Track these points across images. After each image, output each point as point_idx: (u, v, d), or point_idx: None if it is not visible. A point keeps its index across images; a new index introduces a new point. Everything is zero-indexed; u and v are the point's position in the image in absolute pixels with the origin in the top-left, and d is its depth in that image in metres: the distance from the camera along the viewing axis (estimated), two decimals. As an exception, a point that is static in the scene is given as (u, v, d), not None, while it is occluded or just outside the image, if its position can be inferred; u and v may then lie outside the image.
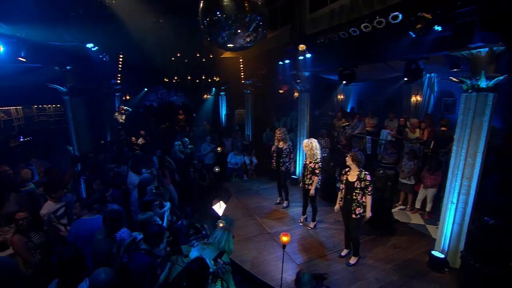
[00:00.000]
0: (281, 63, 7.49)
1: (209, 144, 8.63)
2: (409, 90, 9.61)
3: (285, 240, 3.20)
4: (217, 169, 7.14)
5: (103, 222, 3.04)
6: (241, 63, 9.75)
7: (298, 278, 2.74)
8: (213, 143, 8.91)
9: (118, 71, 8.58)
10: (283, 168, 5.69)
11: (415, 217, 6.07)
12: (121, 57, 7.98)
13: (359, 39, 4.93)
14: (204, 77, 11.17)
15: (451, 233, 3.90)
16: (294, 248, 4.51)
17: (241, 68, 9.87)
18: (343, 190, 4.14)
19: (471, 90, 3.44)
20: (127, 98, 12.67)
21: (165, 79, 10.90)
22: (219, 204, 5.94)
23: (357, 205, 3.88)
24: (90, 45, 5.89)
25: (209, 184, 7.85)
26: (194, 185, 7.54)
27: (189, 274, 2.02)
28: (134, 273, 2.59)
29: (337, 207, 4.25)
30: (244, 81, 10.05)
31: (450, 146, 5.23)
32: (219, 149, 8.51)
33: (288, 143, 5.65)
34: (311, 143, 4.91)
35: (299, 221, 5.36)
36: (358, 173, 3.91)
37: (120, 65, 8.21)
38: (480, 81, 3.27)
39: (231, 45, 4.04)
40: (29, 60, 4.66)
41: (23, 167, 4.74)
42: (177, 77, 10.86)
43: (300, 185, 5.22)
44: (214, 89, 13.69)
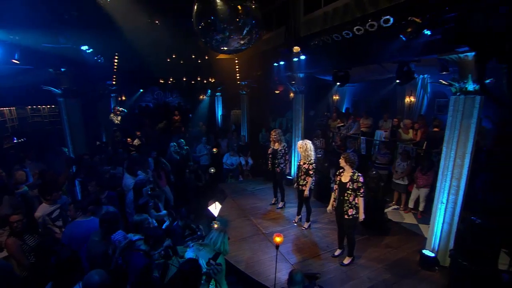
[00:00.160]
0: (276, 65, 7.54)
1: (205, 145, 8.65)
2: (403, 91, 9.74)
3: (278, 240, 3.25)
4: (213, 170, 7.17)
5: (99, 224, 3.06)
6: (237, 64, 9.79)
7: (290, 277, 2.80)
8: (209, 144, 8.93)
9: (113, 72, 8.56)
10: (278, 169, 5.74)
11: (408, 217, 6.17)
12: (116, 59, 7.96)
13: (352, 41, 5.00)
14: (199, 79, 11.19)
15: (441, 232, 3.99)
16: (288, 248, 4.57)
17: (237, 69, 9.91)
18: (336, 191, 4.20)
19: (459, 93, 3.52)
20: (123, 99, 12.63)
21: (161, 80, 10.90)
22: (215, 204, 5.97)
23: (349, 206, 3.94)
24: (84, 47, 5.88)
25: (204, 185, 7.87)
26: (189, 186, 7.57)
27: (181, 275, 2.06)
28: (130, 273, 2.62)
29: (330, 207, 4.31)
30: (239, 82, 10.09)
31: (441, 146, 5.34)
32: (215, 150, 8.54)
33: (283, 144, 5.70)
34: (305, 145, 4.97)
35: (293, 222, 5.42)
36: (351, 174, 3.96)
37: (115, 67, 8.19)
38: (467, 84, 3.36)
39: (225, 48, 4.08)
40: (23, 62, 4.65)
41: (17, 169, 4.73)
42: (172, 78, 10.87)
43: (294, 186, 5.28)
44: (209, 91, 13.71)
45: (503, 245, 3.95)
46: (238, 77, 10.04)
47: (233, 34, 3.83)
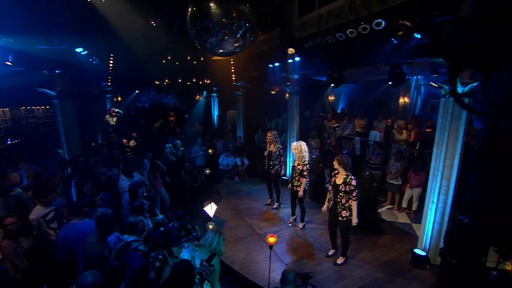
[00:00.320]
0: (271, 66, 7.59)
1: (200, 146, 8.67)
2: (397, 91, 9.86)
3: (271, 241, 3.30)
4: (208, 171, 7.20)
5: (96, 225, 3.08)
6: (232, 65, 9.82)
7: (283, 276, 2.85)
8: (204, 145, 8.95)
9: (108, 73, 8.54)
10: (272, 170, 5.79)
11: (402, 216, 6.26)
12: (111, 60, 7.94)
13: (346, 44, 5.08)
14: (195, 80, 11.20)
15: (432, 232, 4.08)
16: (282, 248, 4.62)
17: (232, 70, 9.94)
18: (331, 192, 4.26)
19: (449, 95, 3.61)
20: (119, 99, 12.59)
21: (156, 82, 10.89)
22: (210, 205, 6.02)
23: (342, 208, 3.99)
24: (79, 49, 5.86)
25: (200, 185, 7.90)
26: (185, 187, 7.59)
27: (174, 276, 2.10)
28: (127, 273, 2.64)
29: (325, 208, 4.37)
30: (235, 83, 10.12)
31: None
32: (210, 151, 8.57)
33: (277, 146, 5.73)
34: (300, 146, 5.02)
35: (288, 222, 5.48)
36: (344, 177, 4.00)
37: (110, 68, 8.18)
38: (456, 87, 3.43)
39: (220, 51, 4.12)
40: (16, 64, 4.62)
41: (11, 172, 4.72)
42: (168, 80, 10.86)
43: (288, 187, 5.33)
44: (205, 92, 13.72)
45: (492, 243, 4.05)
46: (233, 78, 10.07)
47: (227, 37, 3.87)
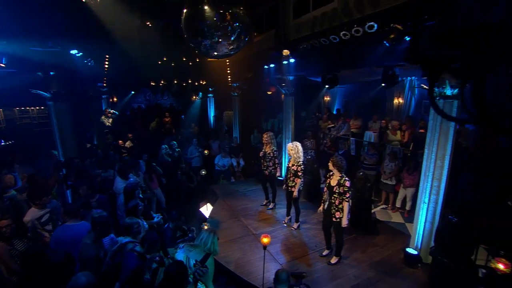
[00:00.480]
0: (266, 67, 7.64)
1: (196, 146, 8.68)
2: (391, 92, 9.96)
3: (265, 241, 3.34)
4: (204, 172, 7.22)
5: (92, 226, 3.09)
6: (228, 66, 9.85)
7: (276, 276, 2.89)
8: (200, 145, 8.96)
9: (104, 75, 8.52)
10: (266, 172, 5.84)
11: (396, 216, 6.34)
12: (107, 62, 7.93)
13: (339, 46, 5.14)
14: (190, 81, 11.20)
15: (424, 231, 4.16)
16: (277, 248, 4.67)
17: (228, 71, 9.97)
18: (325, 193, 4.31)
19: (439, 97, 3.68)
20: (114, 100, 12.56)
21: (152, 83, 10.88)
22: (206, 206, 6.06)
23: (336, 209, 4.03)
24: (74, 51, 5.85)
25: (196, 186, 7.91)
26: (181, 187, 7.60)
27: (168, 276, 2.13)
28: (122, 274, 2.66)
29: (320, 209, 4.42)
30: (231, 83, 10.15)
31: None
32: (206, 151, 8.59)
33: (272, 148, 5.76)
34: (296, 147, 5.07)
35: (283, 222, 5.53)
36: (339, 178, 4.04)
37: (106, 69, 8.16)
38: (446, 89, 3.51)
39: (214, 53, 4.16)
40: (11, 66, 4.60)
41: (5, 174, 4.70)
42: (163, 81, 10.86)
43: (283, 187, 5.38)
44: (201, 93, 13.74)
45: (482, 242, 4.14)
46: (229, 79, 10.10)
47: (222, 39, 3.91)
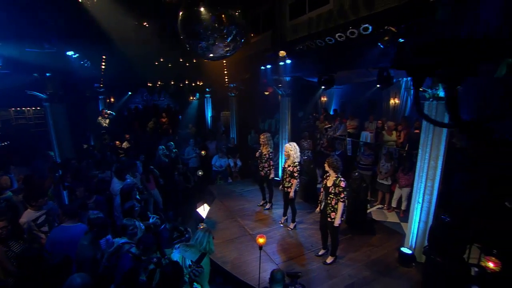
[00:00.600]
0: (263, 68, 7.67)
1: (193, 147, 8.68)
2: (387, 93, 10.04)
3: (261, 241, 3.38)
4: (200, 172, 7.24)
5: (89, 227, 3.10)
6: (225, 67, 9.86)
7: (271, 276, 2.93)
8: (197, 146, 8.97)
9: (101, 75, 8.50)
10: (262, 173, 5.88)
11: (391, 216, 6.41)
12: (103, 63, 7.92)
13: (335, 47, 5.18)
14: (187, 82, 11.21)
15: (418, 230, 4.21)
16: (273, 248, 4.70)
17: (225, 72, 9.99)
18: (322, 193, 4.35)
19: (432, 98, 3.74)
20: (112, 100, 12.52)
21: (149, 84, 10.87)
22: (203, 206, 6.07)
23: (331, 209, 4.07)
24: (70, 52, 5.83)
25: (194, 186, 7.93)
26: (179, 188, 7.61)
27: (163, 277, 2.16)
28: (117, 275, 2.68)
29: (318, 209, 4.46)
30: (228, 84, 10.17)
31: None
32: (203, 152, 8.61)
33: (268, 149, 5.78)
34: (291, 147, 5.10)
35: (279, 222, 5.56)
36: (334, 178, 4.10)
37: (102, 70, 8.14)
38: (439, 91, 3.57)
39: (210, 55, 4.17)
40: (6, 67, 4.58)
41: (1, 175, 4.69)
42: (160, 82, 10.85)
43: (280, 188, 5.41)
44: (198, 94, 13.74)
45: (475, 241, 4.20)
46: (226, 80, 10.11)
47: (217, 41, 3.92)
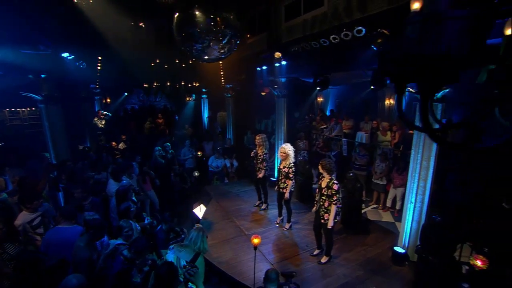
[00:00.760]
0: (259, 69, 7.71)
1: (189, 148, 8.69)
2: (383, 93, 10.12)
3: (256, 242, 3.41)
4: (197, 173, 7.26)
5: (86, 229, 3.11)
6: (221, 68, 9.88)
7: (266, 276, 2.97)
8: (193, 147, 8.98)
9: (96, 76, 8.48)
10: (258, 173, 5.89)
11: (386, 215, 6.49)
12: (99, 64, 7.90)
13: (329, 49, 5.24)
14: (183, 83, 11.21)
15: (410, 230, 4.28)
16: (269, 248, 4.75)
17: (221, 72, 10.01)
18: (317, 194, 4.39)
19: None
20: (108, 101, 12.48)
21: (145, 85, 10.86)
22: (199, 207, 6.11)
23: (324, 211, 4.12)
24: (65, 54, 5.82)
25: (190, 187, 7.94)
26: (175, 189, 7.62)
27: (158, 278, 2.19)
28: (110, 276, 2.70)
29: (314, 209, 4.49)
30: (224, 85, 10.19)
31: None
32: (199, 153, 8.63)
33: (263, 150, 5.81)
34: (286, 149, 5.14)
35: (275, 223, 5.60)
36: (328, 180, 4.15)
37: (98, 71, 8.12)
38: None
39: (205, 57, 4.21)
40: (0, 69, 4.57)
41: (-4, 177, 4.68)
42: (156, 83, 10.85)
43: (275, 189, 5.45)
44: (194, 95, 13.74)
45: (467, 239, 4.27)
46: (222, 80, 10.14)
47: (212, 43, 3.96)
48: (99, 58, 7.96)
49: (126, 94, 12.90)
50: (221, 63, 9.81)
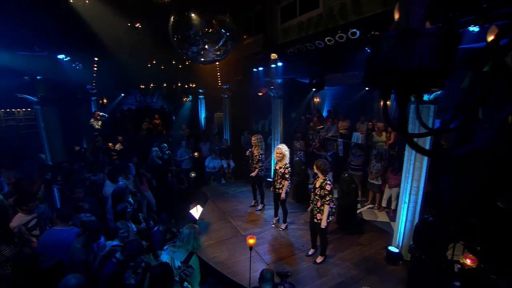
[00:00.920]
0: (255, 70, 7.75)
1: (185, 149, 8.70)
2: (379, 94, 10.17)
3: (251, 242, 3.45)
4: (193, 174, 7.28)
5: (82, 230, 3.12)
6: (218, 68, 9.91)
7: (261, 276, 3.01)
8: (189, 147, 8.99)
9: (93, 77, 8.46)
10: (253, 173, 5.93)
11: (382, 215, 6.55)
12: (95, 65, 7.88)
13: (325, 51, 5.30)
14: (180, 84, 11.22)
15: (404, 229, 4.34)
16: (265, 249, 4.78)
17: (218, 73, 10.04)
18: (312, 194, 4.44)
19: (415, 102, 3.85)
20: (104, 102, 12.43)
21: (142, 86, 10.85)
22: (196, 208, 6.12)
23: (317, 210, 4.18)
24: (61, 56, 5.80)
25: (187, 187, 7.95)
26: (172, 190, 7.63)
27: (153, 279, 2.21)
28: (102, 280, 2.72)
29: (309, 209, 4.54)
30: (221, 86, 10.22)
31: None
32: (196, 154, 8.64)
33: (259, 151, 5.85)
34: (282, 149, 5.18)
35: (271, 223, 5.64)
36: (322, 181, 4.20)
37: (95, 71, 8.11)
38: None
39: (201, 59, 4.24)
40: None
41: (-9, 179, 4.67)
42: (153, 84, 10.84)
43: (271, 189, 5.49)
44: (190, 96, 13.75)
45: (459, 238, 4.34)
46: (219, 81, 10.16)
47: (208, 46, 3.99)
48: (96, 59, 7.95)
49: (122, 95, 12.87)
50: (217, 64, 9.85)
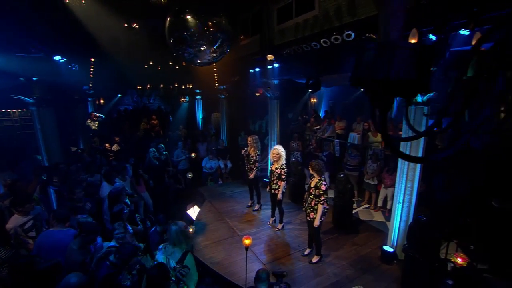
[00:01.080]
0: (252, 71, 7.79)
1: (182, 150, 8.70)
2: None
3: (247, 243, 3.48)
4: (190, 175, 7.30)
5: (79, 231, 3.13)
6: (215, 69, 9.93)
7: (257, 275, 3.04)
8: (186, 148, 9.00)
9: (89, 78, 8.44)
10: (249, 174, 5.96)
11: (377, 215, 6.61)
12: (92, 66, 7.87)
13: (320, 52, 5.35)
14: (177, 85, 11.22)
15: (399, 229, 4.40)
16: (261, 249, 4.81)
17: (215, 74, 10.06)
18: (306, 193, 4.48)
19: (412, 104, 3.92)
20: (101, 102, 12.39)
21: (138, 87, 10.84)
22: (193, 208, 6.14)
23: (311, 209, 4.22)
24: (57, 57, 5.79)
25: (184, 188, 7.95)
26: (169, 190, 7.63)
27: (149, 280, 2.23)
28: (97, 282, 2.73)
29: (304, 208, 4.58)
30: (218, 86, 10.24)
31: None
32: (193, 154, 8.65)
33: (256, 152, 5.87)
34: (278, 150, 5.22)
35: (268, 223, 5.68)
36: (317, 181, 4.26)
37: (91, 72, 8.09)
38: (416, 96, 3.75)
39: (198, 61, 4.26)
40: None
41: (-13, 180, 4.65)
42: (150, 84, 10.84)
43: (267, 190, 5.52)
44: (187, 97, 13.75)
45: (453, 237, 4.40)
46: (216, 82, 10.18)
47: (204, 47, 4.01)
48: (92, 60, 7.93)
49: (119, 95, 12.84)
50: (214, 64, 9.86)
